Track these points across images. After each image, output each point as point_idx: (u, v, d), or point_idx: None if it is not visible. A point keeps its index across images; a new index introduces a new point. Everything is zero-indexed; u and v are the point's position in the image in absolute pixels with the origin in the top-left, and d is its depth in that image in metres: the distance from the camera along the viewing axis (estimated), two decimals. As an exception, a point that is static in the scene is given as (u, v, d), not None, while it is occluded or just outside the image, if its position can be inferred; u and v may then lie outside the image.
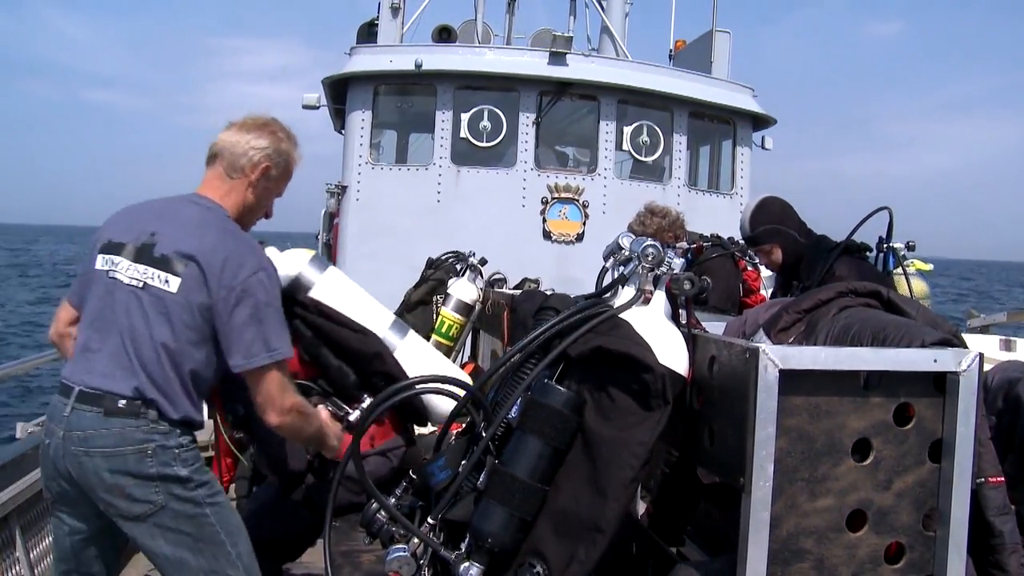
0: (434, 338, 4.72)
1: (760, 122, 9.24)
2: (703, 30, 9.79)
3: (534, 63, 8.38)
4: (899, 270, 4.08)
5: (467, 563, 1.93)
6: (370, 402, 2.55)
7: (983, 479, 2.16)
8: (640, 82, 8.52)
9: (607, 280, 2.12)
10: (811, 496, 1.78)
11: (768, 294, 5.55)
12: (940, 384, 1.82)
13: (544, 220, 8.41)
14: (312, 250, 3.01)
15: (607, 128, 8.55)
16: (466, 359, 5.62)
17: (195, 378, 2.38)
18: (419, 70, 8.17)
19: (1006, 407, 2.87)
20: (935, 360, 1.80)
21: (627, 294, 2.04)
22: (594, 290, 2.14)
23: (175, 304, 2.33)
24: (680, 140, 8.76)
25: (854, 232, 3.68)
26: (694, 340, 2.02)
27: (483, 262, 4.67)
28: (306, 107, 9.37)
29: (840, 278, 3.22)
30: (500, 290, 5.12)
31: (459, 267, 5.27)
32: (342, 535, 2.95)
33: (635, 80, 8.52)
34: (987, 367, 2.93)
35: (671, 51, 10.49)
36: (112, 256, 2.43)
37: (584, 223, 8.40)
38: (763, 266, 3.99)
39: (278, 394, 2.36)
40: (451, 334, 4.87)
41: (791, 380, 1.73)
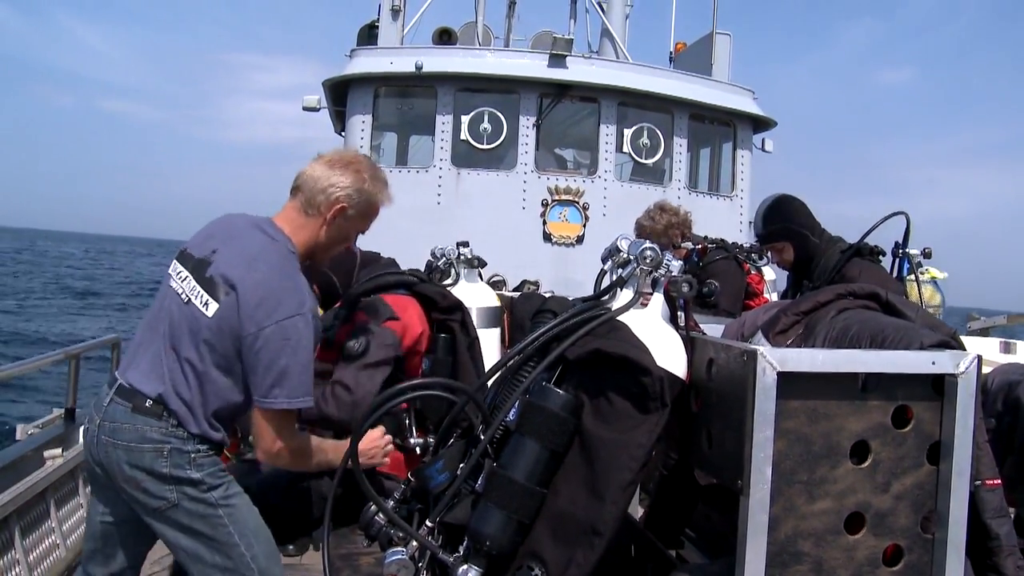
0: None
1: (760, 124, 9.24)
2: (704, 33, 9.80)
3: (534, 65, 8.38)
4: (912, 276, 4.06)
5: (465, 566, 1.93)
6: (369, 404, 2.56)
7: (980, 481, 2.16)
8: (640, 84, 8.52)
9: (605, 282, 2.12)
10: (809, 498, 1.78)
11: (772, 298, 5.55)
12: (938, 386, 1.82)
13: (544, 222, 8.41)
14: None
15: (607, 130, 8.56)
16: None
17: (217, 402, 2.40)
18: (419, 72, 8.18)
19: (1006, 409, 2.87)
20: (933, 362, 1.80)
21: (625, 296, 2.03)
22: (593, 292, 2.14)
23: (207, 328, 2.36)
24: (680, 142, 8.76)
25: (868, 234, 3.68)
26: (692, 342, 2.02)
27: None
28: (306, 109, 9.38)
29: (851, 279, 3.22)
30: (500, 292, 5.10)
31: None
32: (341, 537, 2.94)
33: (635, 82, 8.53)
34: (987, 369, 2.94)
35: (671, 53, 10.50)
36: (179, 264, 2.49)
37: (584, 225, 8.40)
38: (775, 264, 3.97)
39: (269, 437, 2.40)
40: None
41: (789, 382, 1.73)
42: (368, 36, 9.58)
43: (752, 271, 5.43)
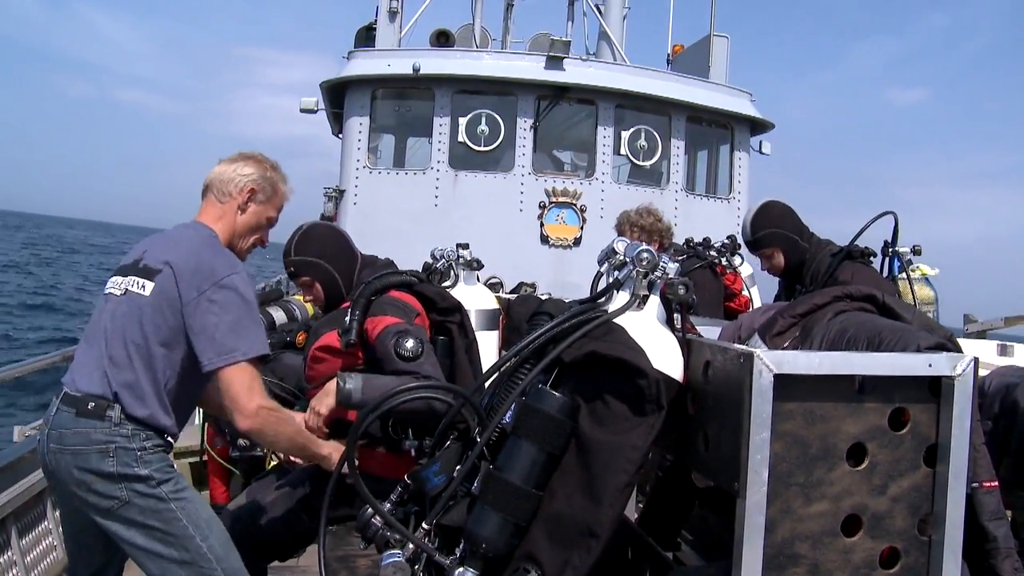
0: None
1: (758, 126, 9.24)
2: (701, 35, 9.81)
3: (532, 67, 8.39)
4: (903, 275, 4.06)
5: (462, 568, 1.93)
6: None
7: (977, 484, 2.16)
8: (638, 86, 8.53)
9: (602, 285, 2.12)
10: (806, 501, 1.78)
11: (753, 293, 5.57)
12: (935, 388, 1.82)
13: (542, 224, 8.41)
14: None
15: (605, 132, 8.56)
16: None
17: (167, 380, 2.47)
18: (417, 74, 8.18)
19: (1003, 411, 2.88)
20: (930, 364, 1.80)
21: (621, 299, 2.03)
22: (589, 295, 2.14)
23: (148, 306, 2.46)
24: (678, 144, 8.77)
25: (858, 237, 3.68)
26: (688, 345, 2.02)
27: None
28: (304, 111, 9.38)
29: (843, 283, 3.22)
30: (496, 294, 5.09)
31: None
32: (338, 540, 2.94)
33: (633, 84, 8.53)
34: (984, 372, 2.94)
35: (669, 55, 10.50)
36: (113, 278, 2.60)
37: (582, 227, 8.40)
38: (765, 271, 3.97)
39: (244, 395, 2.44)
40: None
41: (786, 385, 1.73)
42: (366, 38, 9.59)
43: (728, 271, 5.45)
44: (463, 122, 8.31)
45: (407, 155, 10.42)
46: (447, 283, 4.07)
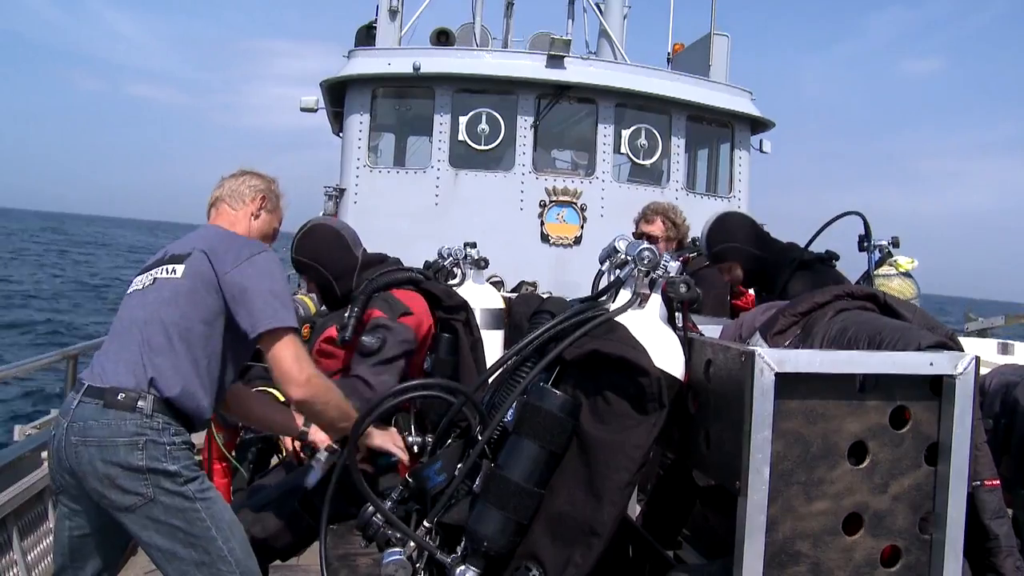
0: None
1: (758, 125, 9.23)
2: (702, 33, 9.80)
3: (532, 66, 8.37)
4: (879, 271, 3.99)
5: (463, 566, 1.93)
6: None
7: (979, 482, 2.16)
8: (638, 85, 8.51)
9: (603, 283, 2.12)
10: (807, 499, 1.78)
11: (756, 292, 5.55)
12: (936, 387, 1.82)
13: (542, 223, 8.40)
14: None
15: (605, 131, 8.55)
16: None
17: (208, 359, 2.47)
18: (417, 73, 8.17)
19: (1003, 410, 2.88)
20: (931, 363, 1.80)
21: (623, 297, 2.03)
22: (590, 293, 2.14)
23: (181, 287, 2.49)
24: (678, 143, 8.76)
25: (811, 243, 3.66)
26: (690, 343, 2.02)
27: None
28: (304, 110, 9.37)
29: (794, 296, 3.17)
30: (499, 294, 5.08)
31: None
32: (338, 538, 2.94)
33: (633, 83, 8.52)
34: (985, 370, 2.94)
35: (669, 54, 10.49)
36: (136, 278, 2.64)
37: (582, 226, 8.39)
38: (726, 281, 3.94)
39: (295, 366, 2.46)
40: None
41: (787, 383, 1.73)
42: (366, 37, 9.57)
43: None
44: (463, 121, 8.30)
45: (407, 154, 10.41)
46: (454, 281, 4.07)
